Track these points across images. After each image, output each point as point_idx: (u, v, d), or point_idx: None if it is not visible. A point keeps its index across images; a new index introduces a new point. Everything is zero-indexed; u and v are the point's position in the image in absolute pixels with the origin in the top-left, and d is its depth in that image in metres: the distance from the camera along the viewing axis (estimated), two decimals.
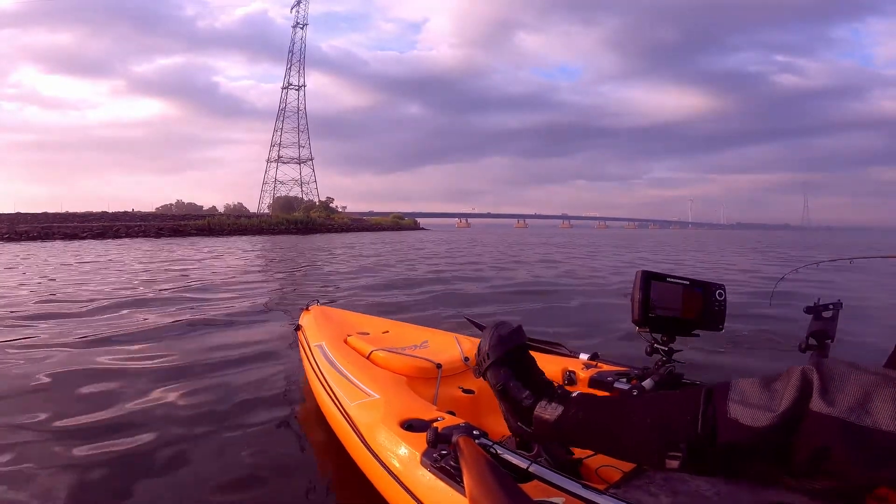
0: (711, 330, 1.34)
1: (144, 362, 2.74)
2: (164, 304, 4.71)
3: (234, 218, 35.99)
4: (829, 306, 1.29)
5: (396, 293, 5.75)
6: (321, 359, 1.80)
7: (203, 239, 22.38)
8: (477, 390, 1.65)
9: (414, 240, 24.02)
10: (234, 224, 32.05)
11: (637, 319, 1.25)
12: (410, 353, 1.77)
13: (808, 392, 0.67)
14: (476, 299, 5.38)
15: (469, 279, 7.24)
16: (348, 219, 46.82)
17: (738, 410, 0.73)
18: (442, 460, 1.00)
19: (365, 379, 1.52)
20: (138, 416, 2.01)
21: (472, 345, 1.87)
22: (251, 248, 15.36)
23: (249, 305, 4.73)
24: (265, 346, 3.14)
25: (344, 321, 2.32)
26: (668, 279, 1.29)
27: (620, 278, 7.19)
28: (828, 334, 1.27)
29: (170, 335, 3.40)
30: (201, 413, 2.05)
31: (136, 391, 2.28)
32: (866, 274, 7.34)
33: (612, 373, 1.59)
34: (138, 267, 8.61)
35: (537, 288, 6.24)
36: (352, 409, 1.39)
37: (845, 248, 18.13)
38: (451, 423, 1.16)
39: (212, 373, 2.58)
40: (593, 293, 5.83)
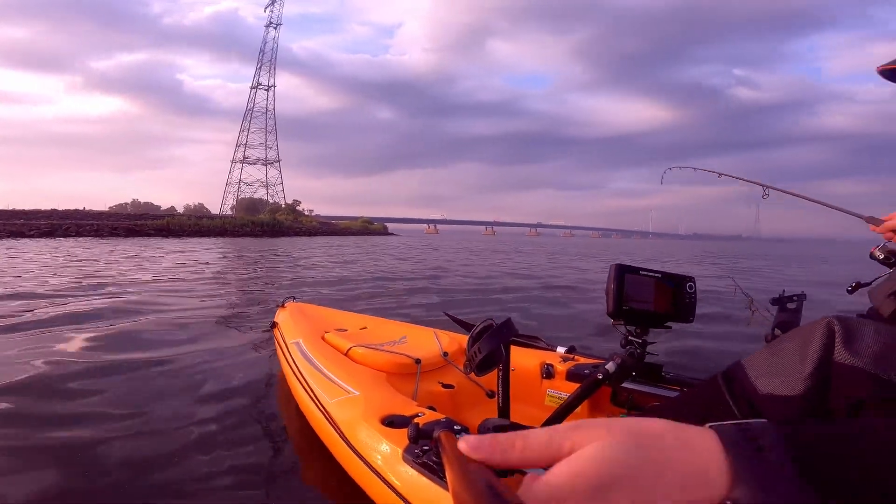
0: (683, 322, 1.38)
1: (97, 358, 2.61)
2: (136, 304, 4.50)
3: (196, 218, 34.77)
4: (794, 297, 1.34)
5: (371, 290, 5.70)
6: (298, 356, 1.77)
7: (163, 240, 21.49)
8: (456, 385, 1.66)
9: (386, 244, 23.86)
10: (195, 225, 30.95)
11: (612, 311, 1.28)
12: (389, 349, 1.76)
13: (832, 344, 0.66)
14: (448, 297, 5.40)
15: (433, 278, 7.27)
16: (316, 222, 46.07)
17: (768, 384, 0.71)
18: (424, 456, 0.99)
19: (343, 376, 1.50)
20: (98, 418, 1.91)
21: (451, 340, 1.89)
22: (217, 250, 14.88)
23: (218, 306, 4.58)
24: (237, 345, 3.04)
25: (321, 318, 2.28)
26: (641, 272, 1.33)
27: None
28: (793, 324, 1.31)
29: (132, 337, 3.25)
30: (174, 415, 1.96)
31: (91, 389, 2.17)
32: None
33: (588, 365, 1.64)
34: (98, 266, 8.20)
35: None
36: (331, 407, 1.37)
37: (781, 258, 19.21)
38: (431, 418, 1.16)
39: (184, 373, 2.48)
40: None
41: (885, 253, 1.22)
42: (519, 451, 0.29)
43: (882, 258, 1.22)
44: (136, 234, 25.65)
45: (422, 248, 20.70)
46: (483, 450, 0.29)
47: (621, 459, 0.26)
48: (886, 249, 1.22)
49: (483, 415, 1.59)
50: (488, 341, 1.15)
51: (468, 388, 1.66)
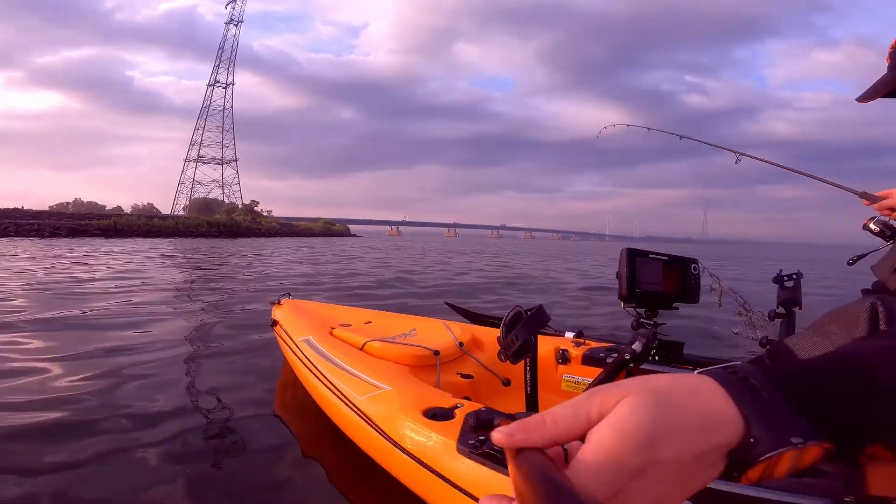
0: (689, 302, 1.44)
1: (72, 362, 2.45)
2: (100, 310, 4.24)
3: (147, 218, 33.04)
4: (792, 276, 1.39)
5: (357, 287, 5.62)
6: (313, 354, 1.72)
7: (110, 241, 20.31)
8: (475, 375, 1.67)
9: (349, 245, 23.50)
10: (146, 225, 29.41)
11: (624, 295, 1.32)
12: (404, 341, 1.75)
13: (876, 324, 0.70)
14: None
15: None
16: (276, 223, 44.79)
17: None
18: (483, 446, 0.98)
19: (368, 371, 1.48)
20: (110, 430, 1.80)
21: (462, 330, 1.89)
22: (174, 250, 14.20)
23: (197, 308, 4.39)
24: (235, 346, 2.93)
25: (322, 314, 2.24)
26: (649, 255, 1.38)
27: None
28: (795, 302, 1.37)
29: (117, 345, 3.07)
30: (186, 427, 1.84)
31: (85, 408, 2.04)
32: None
33: (602, 349, 1.68)
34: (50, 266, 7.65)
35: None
36: (363, 403, 1.34)
37: (727, 258, 20.31)
38: (471, 408, 1.16)
39: (195, 379, 2.37)
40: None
41: (880, 226, 1.27)
42: (550, 427, 0.29)
43: (878, 231, 1.27)
44: (81, 234, 24.10)
45: (387, 248, 20.54)
46: (516, 435, 0.29)
47: (651, 412, 0.27)
48: (880, 223, 1.27)
49: (502, 403, 1.61)
50: (525, 329, 1.15)
51: (485, 377, 1.68)
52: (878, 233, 1.27)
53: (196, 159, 60.97)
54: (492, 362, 1.72)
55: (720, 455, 0.28)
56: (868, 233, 1.30)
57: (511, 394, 1.66)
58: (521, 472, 0.27)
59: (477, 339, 1.87)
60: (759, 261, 18.59)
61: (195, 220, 34.56)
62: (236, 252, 14.39)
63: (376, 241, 38.19)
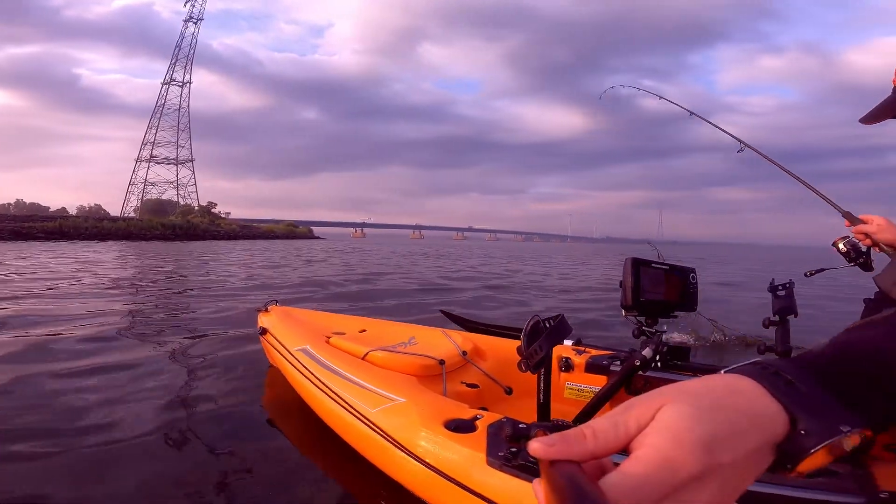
0: (688, 310, 1.48)
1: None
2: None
3: (96, 220, 31.25)
4: (785, 285, 1.42)
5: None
6: (313, 364, 1.67)
7: (56, 244, 19.08)
8: (480, 384, 1.66)
9: (319, 247, 23.02)
10: (94, 227, 27.82)
11: (628, 304, 1.33)
12: (406, 350, 1.72)
13: None
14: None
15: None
16: (236, 225, 43.32)
17: None
18: (515, 458, 0.96)
19: (376, 382, 1.45)
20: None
21: (464, 339, 1.88)
22: (127, 254, 13.48)
23: (162, 314, 4.18)
24: (215, 355, 2.80)
25: (313, 321, 2.18)
26: (652, 265, 1.40)
27: None
28: (790, 310, 1.39)
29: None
30: (177, 436, 1.76)
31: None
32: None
33: (604, 357, 1.70)
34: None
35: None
36: (376, 416, 1.31)
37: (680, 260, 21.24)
38: (490, 419, 1.15)
39: (167, 389, 2.24)
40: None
41: (849, 247, 1.32)
42: (591, 440, 0.29)
43: (845, 251, 1.33)
44: (23, 237, 22.53)
45: (351, 251, 20.26)
46: (556, 447, 0.29)
47: (702, 413, 0.27)
48: (850, 244, 1.32)
49: (506, 411, 1.60)
50: (549, 339, 1.15)
51: (490, 386, 1.68)
52: (845, 253, 1.32)
53: (149, 159, 58.37)
54: (493, 371, 1.72)
55: (769, 450, 0.29)
56: (835, 250, 1.35)
57: (514, 402, 1.66)
58: (553, 484, 0.26)
59: (478, 348, 1.87)
60: (720, 263, 19.47)
61: (148, 222, 32.96)
62: (193, 254, 13.82)
63: (339, 243, 37.59)
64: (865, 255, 1.31)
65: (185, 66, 59.44)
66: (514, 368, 1.70)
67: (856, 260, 1.32)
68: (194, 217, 42.25)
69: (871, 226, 1.27)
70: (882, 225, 1.25)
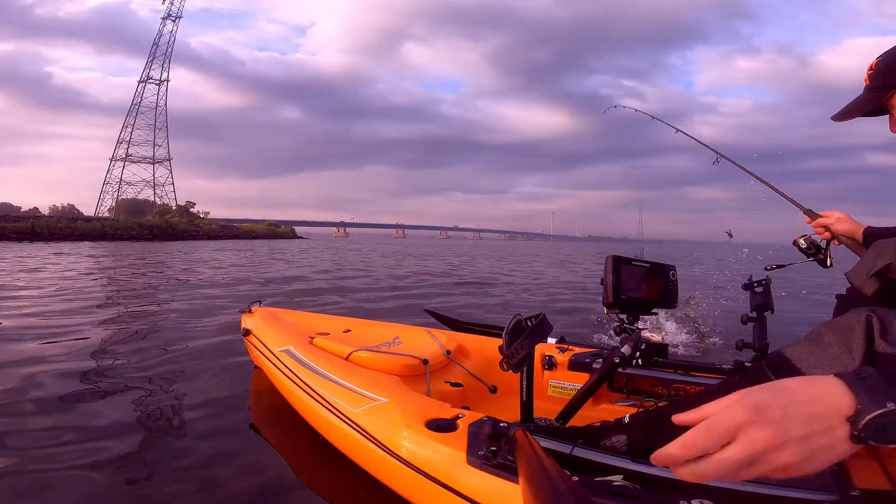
0: (668, 308, 1.50)
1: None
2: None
3: (70, 220, 30.38)
4: (761, 282, 1.47)
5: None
6: (295, 364, 1.65)
7: (29, 245, 18.49)
8: (464, 383, 1.67)
9: (306, 247, 22.77)
10: (68, 227, 27.06)
11: (610, 301, 1.33)
12: (390, 350, 1.72)
13: (872, 335, 0.74)
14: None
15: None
16: (216, 225, 42.58)
17: (820, 374, 0.75)
18: (495, 457, 0.97)
19: (359, 382, 1.44)
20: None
21: (448, 338, 1.88)
22: (104, 256, 13.13)
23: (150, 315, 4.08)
24: (196, 357, 2.74)
25: (297, 322, 2.16)
26: (633, 262, 1.41)
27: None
28: (767, 306, 1.43)
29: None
30: (159, 446, 1.73)
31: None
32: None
33: (586, 354, 1.72)
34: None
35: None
36: (358, 416, 1.30)
37: (668, 258, 21.57)
38: (472, 418, 1.15)
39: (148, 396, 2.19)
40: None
41: (808, 243, 1.37)
42: (703, 441, 0.41)
43: (804, 247, 1.38)
44: None
45: (349, 250, 20.11)
46: (684, 452, 0.42)
47: (768, 395, 0.42)
48: (810, 240, 1.37)
49: (491, 410, 1.61)
50: (530, 338, 1.16)
51: (474, 385, 1.68)
52: (804, 249, 1.37)
53: (124, 158, 57.03)
54: (478, 370, 1.72)
55: (839, 421, 0.40)
56: (796, 248, 1.39)
57: (498, 401, 1.67)
58: (541, 475, 0.36)
59: (462, 347, 1.87)
60: (697, 262, 19.85)
61: (125, 223, 32.19)
62: (172, 254, 13.54)
63: (324, 242, 37.28)
64: (824, 250, 1.35)
65: (162, 63, 58.37)
66: (498, 367, 1.72)
67: (815, 255, 1.37)
68: (172, 217, 41.41)
69: (829, 218, 1.33)
70: (840, 217, 1.31)
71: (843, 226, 1.30)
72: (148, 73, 58.07)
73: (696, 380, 1.48)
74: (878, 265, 1.13)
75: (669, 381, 1.51)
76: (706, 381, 1.46)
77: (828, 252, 1.35)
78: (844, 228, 1.29)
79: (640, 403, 1.48)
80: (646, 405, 1.39)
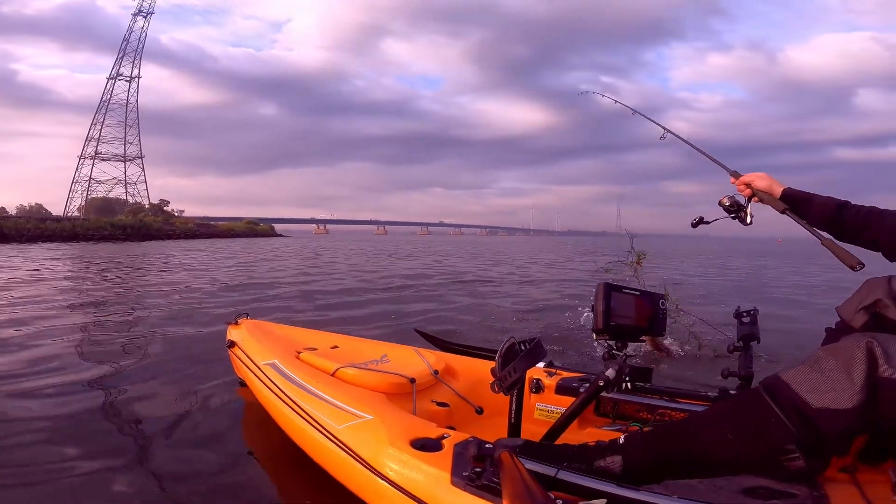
0: (657, 335, 1.52)
1: None
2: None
3: (38, 221, 29.32)
4: (749, 312, 1.49)
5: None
6: (280, 379, 1.66)
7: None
8: (451, 404, 1.67)
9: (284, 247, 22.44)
10: (37, 228, 26.12)
11: (599, 328, 1.35)
12: (378, 368, 1.72)
13: (875, 361, 0.75)
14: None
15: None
16: (194, 224, 41.63)
17: (819, 399, 0.77)
18: (479, 478, 0.98)
19: (345, 399, 1.44)
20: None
21: (437, 358, 1.89)
22: (77, 258, 12.73)
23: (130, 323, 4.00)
24: (174, 368, 2.71)
25: (285, 336, 2.15)
26: (623, 290, 1.42)
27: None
28: (753, 336, 1.45)
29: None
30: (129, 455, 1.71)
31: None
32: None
33: (574, 379, 1.72)
34: None
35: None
36: (342, 433, 1.31)
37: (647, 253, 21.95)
38: (458, 438, 1.16)
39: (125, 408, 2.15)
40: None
41: (731, 202, 1.41)
42: None
43: (728, 205, 1.41)
44: None
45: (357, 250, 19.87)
46: None
47: None
48: (732, 199, 1.41)
49: (477, 431, 1.62)
50: (523, 362, 1.18)
51: (460, 405, 1.69)
52: (727, 207, 1.41)
53: (93, 156, 55.24)
54: (465, 390, 1.72)
55: None
56: (720, 208, 1.42)
57: (484, 422, 1.66)
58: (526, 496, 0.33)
59: (450, 367, 1.87)
60: (676, 257, 20.19)
61: (96, 222, 31.22)
62: (147, 255, 13.22)
63: (303, 240, 36.81)
64: (744, 208, 1.40)
65: (133, 60, 56.61)
66: (486, 388, 1.70)
67: (737, 213, 1.41)
68: (146, 216, 40.33)
69: (751, 175, 1.40)
70: (761, 176, 1.38)
71: (762, 182, 1.36)
72: (118, 69, 56.30)
73: (680, 406, 1.51)
74: (868, 300, 1.17)
75: (655, 406, 1.54)
76: (691, 407, 1.49)
77: (748, 209, 1.40)
78: (763, 185, 1.36)
79: (626, 428, 1.51)
80: (631, 430, 1.41)
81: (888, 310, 1.15)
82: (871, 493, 1.07)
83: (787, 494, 1.07)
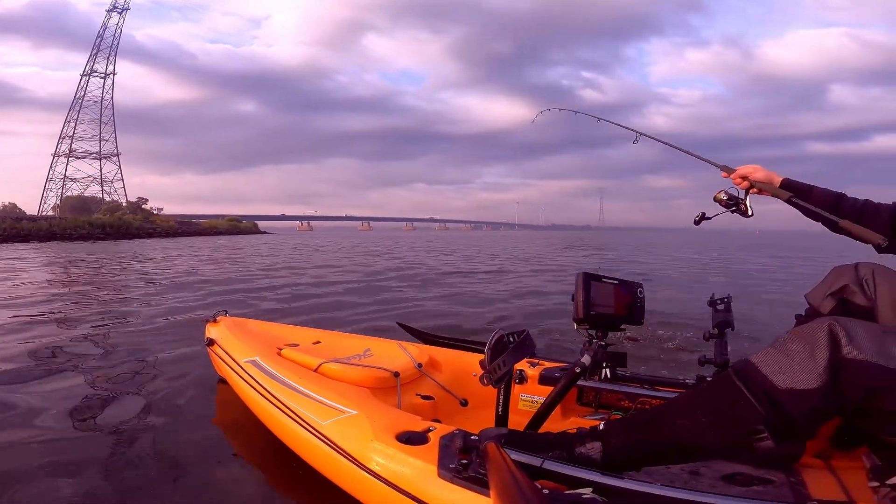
0: (635, 324, 1.53)
1: None
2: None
3: (13, 220, 28.48)
4: (723, 300, 1.51)
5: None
6: (262, 376, 1.64)
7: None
8: (436, 396, 1.67)
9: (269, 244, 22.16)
10: (12, 228, 25.37)
11: (580, 318, 1.38)
12: (362, 362, 1.71)
13: (838, 342, 0.77)
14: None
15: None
16: (174, 222, 40.86)
17: (785, 380, 0.79)
18: (466, 470, 0.98)
19: (328, 394, 1.43)
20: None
21: (420, 351, 1.88)
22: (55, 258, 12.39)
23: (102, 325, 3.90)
24: (151, 372, 2.65)
25: (266, 333, 2.12)
26: (602, 279, 1.45)
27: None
28: (727, 324, 1.47)
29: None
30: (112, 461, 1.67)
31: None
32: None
33: (556, 369, 1.73)
34: None
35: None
36: (327, 429, 1.30)
37: (630, 245, 22.29)
38: (443, 430, 1.16)
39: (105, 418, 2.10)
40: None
41: (727, 196, 1.40)
42: None
43: (725, 199, 1.40)
44: None
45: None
46: None
47: None
48: (728, 193, 1.40)
49: (462, 423, 1.62)
50: (513, 355, 1.17)
51: (444, 397, 1.69)
52: (725, 202, 1.40)
53: (67, 154, 53.85)
54: (449, 383, 1.72)
55: None
56: (717, 204, 1.41)
57: (469, 413, 1.67)
58: (513, 488, 0.32)
59: (433, 360, 1.87)
60: (655, 249, 20.49)
61: (73, 222, 30.46)
62: (126, 255, 12.93)
63: (286, 237, 36.42)
64: (743, 200, 1.39)
65: (107, 56, 55.30)
66: (470, 380, 1.72)
67: (736, 206, 1.40)
68: (124, 214, 39.47)
69: (747, 168, 1.39)
70: (756, 167, 1.38)
71: (760, 174, 1.36)
72: (92, 66, 54.94)
73: (660, 394, 1.53)
74: (836, 286, 1.23)
75: (635, 395, 1.56)
76: (669, 394, 1.51)
77: (747, 202, 1.40)
78: (761, 176, 1.36)
79: (608, 417, 1.53)
80: (613, 418, 1.44)
81: (855, 296, 1.20)
82: (846, 478, 1.10)
83: (765, 480, 1.09)
